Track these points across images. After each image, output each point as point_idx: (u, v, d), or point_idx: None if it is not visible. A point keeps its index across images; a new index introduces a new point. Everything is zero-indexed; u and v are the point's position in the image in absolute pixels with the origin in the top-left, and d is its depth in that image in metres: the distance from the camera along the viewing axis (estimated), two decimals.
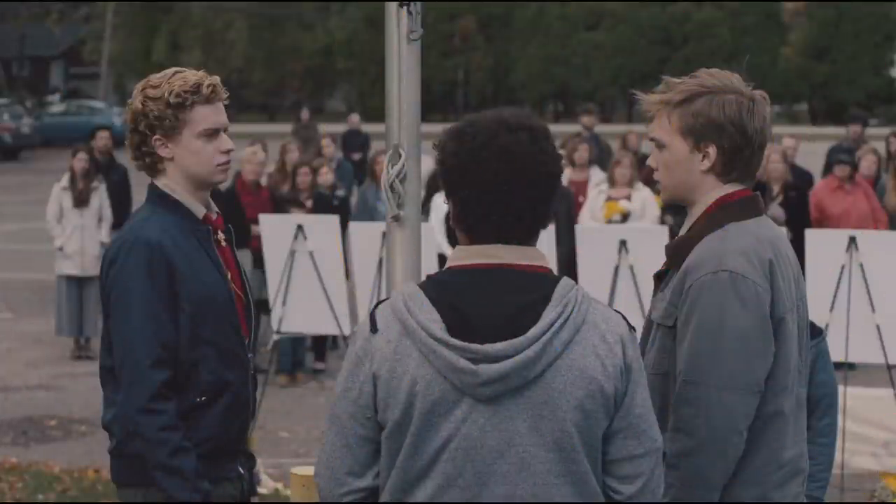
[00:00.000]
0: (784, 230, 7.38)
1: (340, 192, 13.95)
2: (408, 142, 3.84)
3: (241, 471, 4.09)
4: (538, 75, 58.44)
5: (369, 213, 12.73)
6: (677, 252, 3.45)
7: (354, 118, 24.80)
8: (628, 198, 11.95)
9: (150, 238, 3.90)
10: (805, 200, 12.46)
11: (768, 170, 12.13)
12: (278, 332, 10.01)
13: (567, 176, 12.86)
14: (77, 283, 13.17)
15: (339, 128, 24.88)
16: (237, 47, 58.37)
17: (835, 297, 8.44)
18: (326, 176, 13.31)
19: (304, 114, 26.26)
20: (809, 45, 58.03)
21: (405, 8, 3.79)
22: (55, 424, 10.60)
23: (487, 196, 2.98)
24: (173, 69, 4.08)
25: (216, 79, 4.06)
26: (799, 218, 11.89)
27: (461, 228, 3.05)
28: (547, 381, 2.92)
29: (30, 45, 61.04)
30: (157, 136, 4.00)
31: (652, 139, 3.53)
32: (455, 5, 56.57)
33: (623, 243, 9.00)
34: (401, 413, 2.94)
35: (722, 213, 3.43)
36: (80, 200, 13.19)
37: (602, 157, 15.18)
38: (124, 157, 6.14)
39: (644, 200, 11.97)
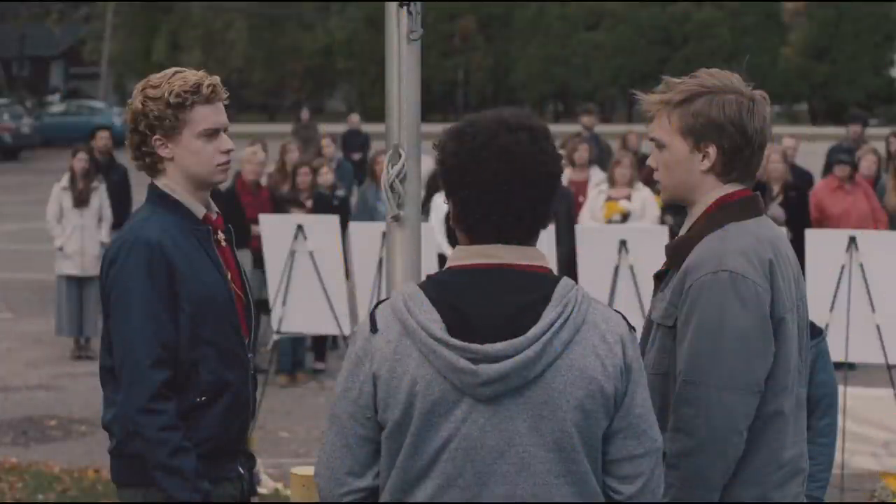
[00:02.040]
0: (784, 230, 7.38)
1: (340, 192, 13.95)
2: (408, 142, 3.84)
3: (241, 471, 4.09)
4: (538, 75, 58.47)
5: (369, 213, 12.73)
6: (677, 252, 3.45)
7: (354, 118, 24.81)
8: (628, 198, 11.95)
9: (150, 238, 3.90)
10: (805, 200, 12.46)
11: (768, 170, 12.13)
12: (278, 332, 10.01)
13: (567, 176, 12.85)
14: (77, 283, 13.17)
15: (339, 128, 24.88)
16: (237, 47, 58.39)
17: (835, 297, 8.44)
18: (326, 176, 13.31)
19: (304, 114, 26.27)
20: (809, 45, 58.06)
21: (405, 8, 3.79)
22: (55, 424, 10.60)
23: (487, 196, 2.98)
24: (173, 69, 4.08)
25: (216, 79, 4.06)
26: (799, 218, 11.89)
27: (461, 228, 3.05)
28: (547, 381, 2.92)
29: (30, 45, 61.04)
30: (157, 136, 4.00)
31: (652, 139, 3.53)
32: (455, 5, 56.59)
33: (623, 243, 9.00)
34: (401, 413, 2.94)
35: (722, 213, 3.43)
36: (80, 200, 13.19)
37: (602, 157, 15.18)
38: (124, 157, 6.14)
39: (644, 200, 11.97)
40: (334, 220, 10.07)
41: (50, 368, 12.67)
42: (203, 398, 3.94)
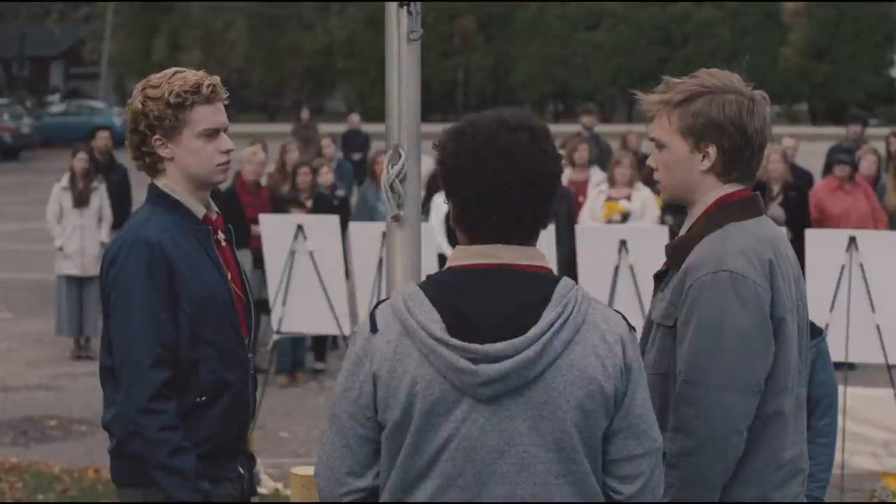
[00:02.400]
0: (784, 230, 7.38)
1: (340, 192, 13.95)
2: (408, 142, 3.84)
3: (241, 471, 4.09)
4: (538, 75, 58.47)
5: (369, 213, 12.73)
6: (677, 252, 3.45)
7: (354, 118, 24.81)
8: (628, 198, 11.95)
9: (150, 238, 3.90)
10: (805, 200, 12.46)
11: (768, 170, 12.13)
12: (278, 332, 10.01)
13: (567, 176, 12.85)
14: (77, 283, 13.16)
15: (339, 128, 24.89)
16: (237, 47, 58.40)
17: (835, 297, 8.44)
18: (326, 176, 13.32)
19: (304, 114, 26.29)
20: (809, 45, 58.07)
21: (405, 8, 3.79)
22: (55, 424, 10.60)
23: (487, 196, 2.98)
24: (173, 69, 4.08)
25: (216, 79, 4.06)
26: (799, 218, 11.89)
27: (461, 228, 3.05)
28: (547, 381, 2.92)
29: (30, 45, 61.03)
30: (157, 136, 4.00)
31: (652, 139, 3.53)
32: (455, 5, 56.60)
33: (623, 243, 9.00)
34: (401, 413, 2.94)
35: (722, 213, 3.43)
36: (80, 200, 13.19)
37: (602, 157, 15.17)
38: (124, 157, 6.15)
39: (644, 200, 11.96)
40: (334, 220, 10.07)
41: (50, 368, 12.67)
42: (203, 398, 3.94)
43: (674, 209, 11.43)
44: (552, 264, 4.05)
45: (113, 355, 3.94)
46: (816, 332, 4.16)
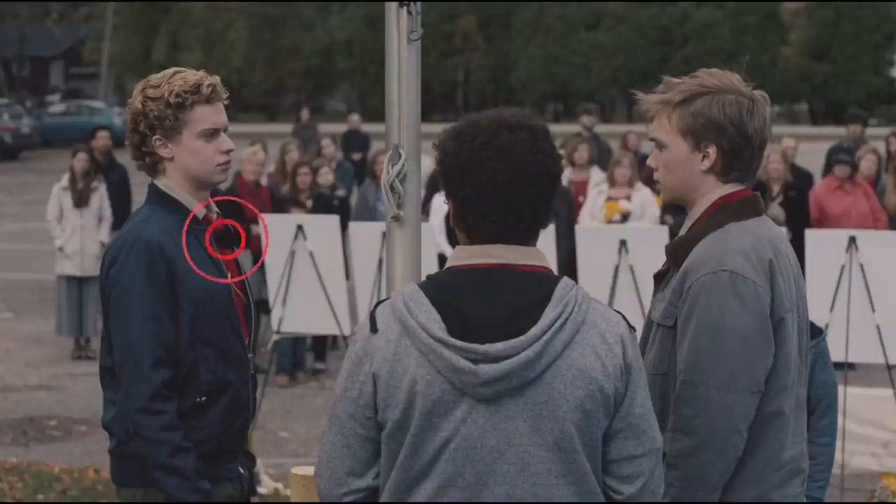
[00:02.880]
0: (784, 230, 7.38)
1: (340, 192, 13.95)
2: (408, 142, 3.83)
3: (241, 471, 4.09)
4: (538, 75, 58.51)
5: (369, 213, 12.73)
6: (677, 252, 3.45)
7: (354, 118, 24.83)
8: (628, 198, 11.95)
9: (150, 238, 3.90)
10: (805, 200, 12.46)
11: (768, 170, 12.13)
12: (278, 332, 10.01)
13: (567, 176, 12.85)
14: (77, 283, 13.16)
15: (339, 128, 24.90)
16: (237, 47, 58.46)
17: (835, 297, 8.44)
18: (326, 176, 13.32)
19: (304, 114, 26.33)
20: (809, 45, 58.13)
21: (405, 8, 3.79)
22: (55, 424, 10.60)
23: (487, 196, 2.98)
24: (173, 69, 4.08)
25: (216, 79, 4.06)
26: (799, 218, 11.89)
27: (461, 228, 3.05)
28: (547, 381, 2.92)
29: (30, 45, 61.02)
30: (157, 136, 4.00)
31: (652, 139, 3.53)
32: (455, 5, 56.66)
33: (623, 243, 9.00)
34: (401, 413, 2.94)
35: (722, 213, 3.43)
36: (80, 200, 13.19)
37: (602, 157, 15.16)
38: (124, 157, 6.15)
39: (644, 200, 11.96)
40: (334, 220, 10.08)
41: (50, 368, 12.67)
42: (203, 398, 3.94)
43: (674, 209, 11.44)
44: (552, 264, 4.04)
45: (113, 355, 3.94)
46: (816, 332, 4.17)
